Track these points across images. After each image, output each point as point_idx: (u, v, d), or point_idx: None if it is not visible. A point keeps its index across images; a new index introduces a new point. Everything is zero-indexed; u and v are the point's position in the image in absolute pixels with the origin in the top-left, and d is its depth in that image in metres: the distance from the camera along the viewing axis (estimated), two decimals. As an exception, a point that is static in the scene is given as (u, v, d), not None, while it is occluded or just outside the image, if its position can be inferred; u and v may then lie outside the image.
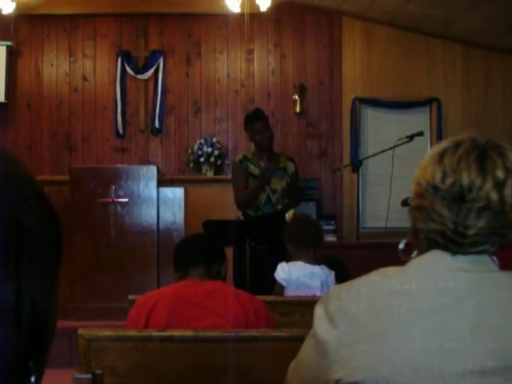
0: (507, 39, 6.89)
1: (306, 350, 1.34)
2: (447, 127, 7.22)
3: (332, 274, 3.79)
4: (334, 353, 1.25)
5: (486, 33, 6.86)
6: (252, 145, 5.31)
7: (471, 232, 1.25)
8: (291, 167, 5.15)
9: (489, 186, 1.23)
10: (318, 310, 1.31)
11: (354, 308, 1.26)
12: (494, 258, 1.30)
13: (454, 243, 1.27)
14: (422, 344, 1.20)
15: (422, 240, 1.32)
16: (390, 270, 1.30)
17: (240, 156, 5.23)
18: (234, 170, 5.24)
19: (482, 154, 1.25)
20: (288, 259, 3.86)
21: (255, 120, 5.06)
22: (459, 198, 1.24)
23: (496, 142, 1.28)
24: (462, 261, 1.27)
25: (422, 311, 1.22)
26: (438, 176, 1.26)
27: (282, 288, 3.75)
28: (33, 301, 0.61)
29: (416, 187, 1.32)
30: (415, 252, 1.36)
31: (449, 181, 1.25)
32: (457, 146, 1.28)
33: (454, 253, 1.27)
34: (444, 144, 1.31)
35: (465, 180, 1.23)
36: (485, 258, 1.28)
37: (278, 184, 5.06)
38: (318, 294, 3.65)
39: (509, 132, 7.19)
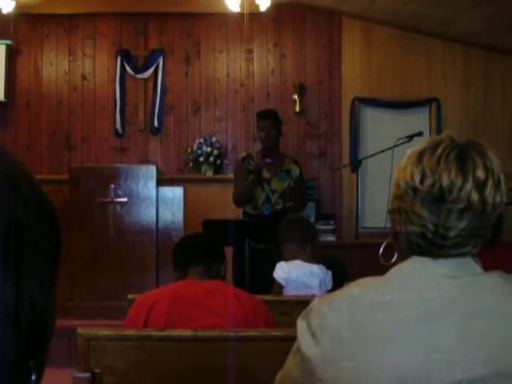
0: (507, 40, 6.89)
1: (292, 365, 1.31)
2: (446, 127, 7.21)
3: (329, 273, 3.80)
4: (319, 371, 1.23)
5: (485, 33, 6.86)
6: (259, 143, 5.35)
7: (452, 233, 1.22)
8: (295, 170, 5.15)
9: (469, 186, 1.19)
10: (300, 325, 1.28)
11: (336, 323, 1.23)
12: (476, 258, 1.27)
13: (435, 245, 1.23)
14: (408, 356, 1.17)
15: (403, 243, 1.28)
16: (370, 281, 1.27)
17: (244, 153, 5.28)
18: (236, 166, 5.32)
19: (462, 154, 1.22)
20: (286, 259, 3.86)
21: (262, 118, 5.17)
22: (439, 199, 1.21)
23: (475, 140, 1.25)
24: (444, 266, 1.23)
25: (407, 322, 1.19)
26: (417, 177, 1.23)
27: (280, 287, 3.75)
28: (32, 301, 0.61)
29: (395, 189, 1.29)
30: (396, 256, 1.32)
31: (428, 181, 1.22)
32: (436, 145, 1.25)
33: (435, 256, 1.24)
34: (423, 144, 1.27)
35: (445, 180, 1.20)
36: (468, 260, 1.25)
37: (279, 185, 5.06)
38: (316, 293, 3.66)
39: (508, 132, 7.20)
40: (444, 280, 1.22)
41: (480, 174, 1.20)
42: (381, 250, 1.38)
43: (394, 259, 1.33)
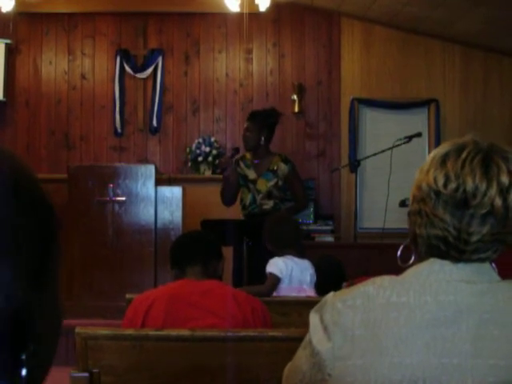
0: (506, 41, 6.89)
1: (302, 358, 1.30)
2: (445, 128, 7.23)
3: (313, 268, 3.86)
4: (329, 366, 1.23)
5: (484, 34, 6.86)
6: None
7: (474, 238, 1.21)
8: (283, 169, 5.03)
9: (493, 191, 1.18)
10: (313, 319, 1.28)
11: (349, 320, 1.22)
12: (493, 265, 1.26)
13: (456, 250, 1.22)
14: (420, 358, 1.17)
15: (422, 246, 1.27)
16: (386, 280, 1.26)
17: (239, 156, 5.27)
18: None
19: (486, 158, 1.21)
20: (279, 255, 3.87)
21: (247, 119, 5.18)
22: (462, 203, 1.20)
23: (498, 145, 1.24)
24: (462, 270, 1.23)
25: (421, 325, 1.18)
26: (441, 180, 1.22)
27: (278, 280, 3.73)
28: (8, 297, 0.61)
29: (416, 191, 1.27)
30: (413, 258, 1.32)
31: (452, 185, 1.21)
32: (460, 149, 1.23)
33: (455, 260, 1.23)
34: (446, 147, 1.26)
35: (469, 185, 1.19)
36: (486, 266, 1.24)
37: (263, 185, 5.03)
38: (308, 289, 3.73)
39: (506, 133, 7.20)
40: (461, 285, 1.21)
41: (504, 179, 1.19)
42: (399, 252, 1.36)
43: (411, 261, 1.32)
